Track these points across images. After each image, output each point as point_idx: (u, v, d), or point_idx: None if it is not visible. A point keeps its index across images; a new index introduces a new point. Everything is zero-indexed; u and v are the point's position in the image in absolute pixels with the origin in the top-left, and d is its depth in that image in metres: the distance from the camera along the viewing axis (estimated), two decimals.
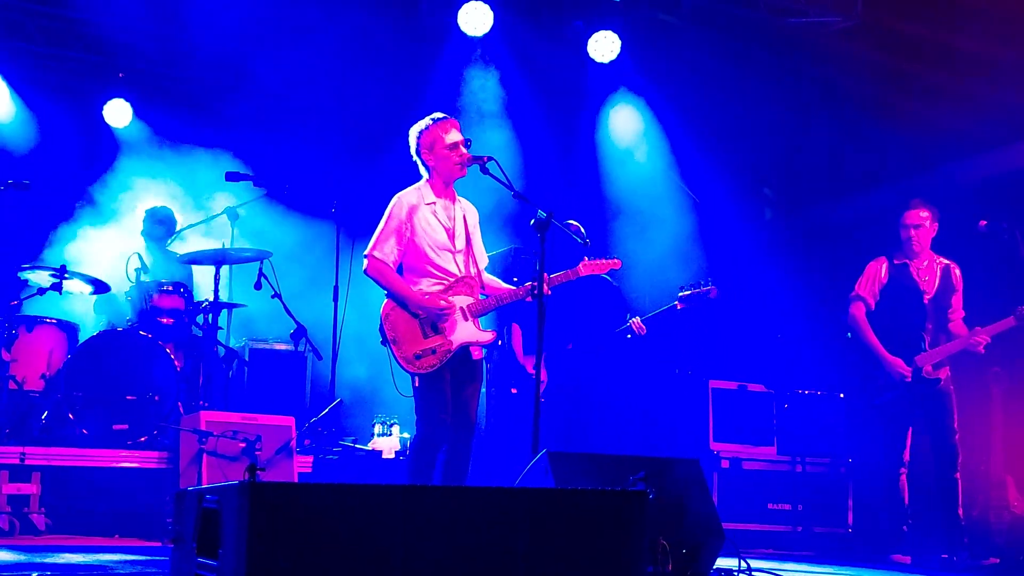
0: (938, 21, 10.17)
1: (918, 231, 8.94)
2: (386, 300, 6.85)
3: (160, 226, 9.95)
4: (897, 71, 10.92)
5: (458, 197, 7.10)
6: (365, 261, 6.90)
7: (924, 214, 8.96)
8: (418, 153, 6.99)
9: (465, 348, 6.86)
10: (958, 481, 8.67)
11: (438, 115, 7.02)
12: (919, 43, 10.57)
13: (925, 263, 9.00)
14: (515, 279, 8.84)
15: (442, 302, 6.77)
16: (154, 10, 10.73)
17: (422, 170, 7.05)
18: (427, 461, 6.78)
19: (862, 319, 9.00)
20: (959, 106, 10.71)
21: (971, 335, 8.65)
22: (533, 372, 9.19)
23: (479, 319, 6.97)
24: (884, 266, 9.07)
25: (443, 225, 6.92)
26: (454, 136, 6.91)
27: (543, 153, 11.04)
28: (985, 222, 8.68)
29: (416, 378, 6.79)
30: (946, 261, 9.04)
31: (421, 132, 6.96)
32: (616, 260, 7.61)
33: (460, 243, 6.99)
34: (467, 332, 6.86)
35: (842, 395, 10.55)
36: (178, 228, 10.04)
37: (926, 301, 8.88)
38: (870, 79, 11.15)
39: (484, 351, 7.28)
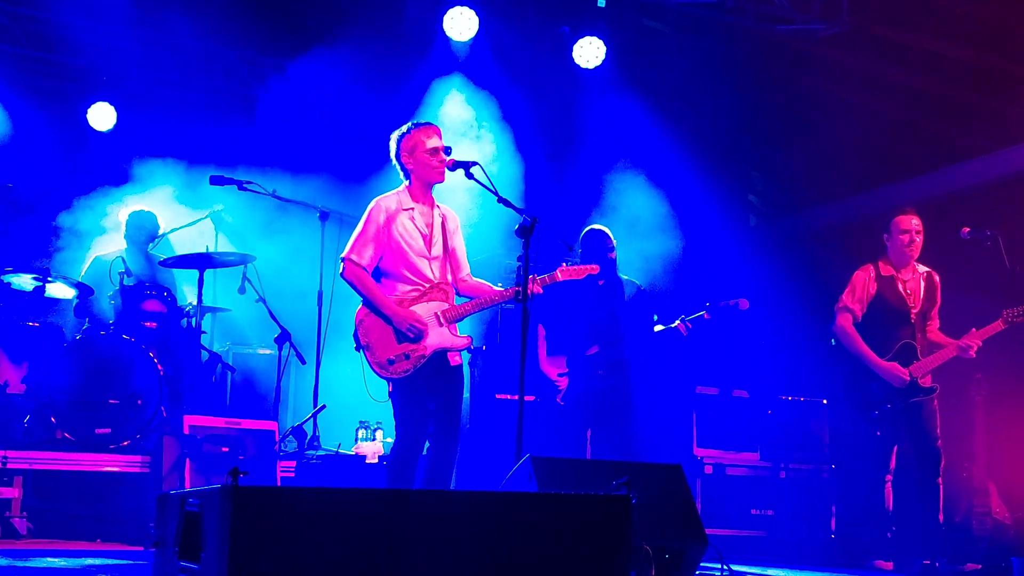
0: (924, 28, 10.20)
1: (920, 236, 8.76)
2: (361, 305, 6.86)
3: (143, 230, 9.91)
4: (883, 78, 10.96)
5: (437, 203, 7.11)
6: (342, 265, 6.90)
7: (917, 221, 8.80)
8: (398, 157, 7.00)
9: (441, 354, 6.86)
10: (940, 486, 8.65)
11: (420, 120, 7.05)
12: (905, 50, 10.60)
13: (911, 274, 8.87)
14: (499, 284, 8.85)
15: (414, 324, 6.76)
16: (138, 13, 10.71)
17: (401, 175, 7.06)
18: (408, 467, 6.77)
19: (851, 329, 8.82)
20: (944, 113, 10.75)
21: (963, 339, 8.57)
22: (556, 378, 9.25)
23: (455, 325, 6.96)
24: (871, 276, 8.89)
25: (420, 231, 6.92)
26: (435, 141, 6.91)
27: (528, 158, 11.03)
28: (968, 229, 8.68)
29: (390, 383, 6.80)
30: (926, 269, 8.93)
31: (402, 136, 6.98)
32: (595, 266, 7.60)
33: (437, 249, 6.98)
34: (441, 338, 6.85)
35: (825, 401, 10.57)
36: (161, 232, 10.01)
37: (913, 316, 8.76)
38: (856, 86, 11.17)
39: (468, 355, 7.26)
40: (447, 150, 6.92)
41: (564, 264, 7.50)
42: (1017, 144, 10.65)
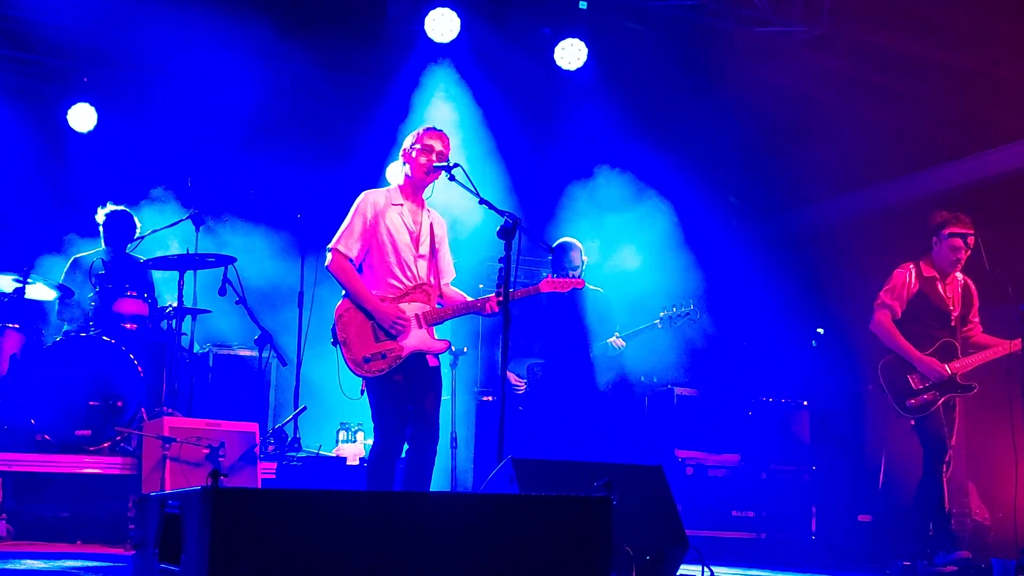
0: (904, 31, 10.24)
1: (966, 253, 8.64)
2: (342, 300, 6.85)
3: (121, 231, 9.85)
4: (863, 80, 10.98)
5: (427, 207, 7.12)
6: (329, 255, 6.90)
7: (971, 238, 8.62)
8: (401, 154, 7.05)
9: (419, 356, 6.84)
10: (944, 483, 8.51)
11: (428, 125, 7.11)
12: (885, 53, 10.63)
13: (951, 280, 8.74)
14: (480, 286, 8.86)
15: (398, 320, 6.75)
16: (120, 15, 10.67)
17: (399, 174, 7.08)
18: (386, 469, 6.76)
19: (890, 325, 8.64)
20: (924, 116, 10.79)
21: (1012, 343, 8.43)
22: (516, 382, 9.27)
23: (434, 328, 6.96)
24: (912, 275, 8.72)
25: (408, 228, 6.93)
26: (430, 142, 6.95)
27: (509, 159, 11.04)
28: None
29: (364, 382, 6.79)
30: (963, 276, 8.81)
31: (409, 137, 7.04)
32: (580, 279, 7.60)
33: (424, 248, 6.99)
34: (419, 339, 6.83)
35: (806, 403, 10.60)
36: (140, 232, 9.98)
37: (953, 318, 8.65)
38: (836, 88, 11.20)
39: (449, 357, 7.25)
40: (443, 156, 6.92)
41: (549, 276, 7.52)
42: (997, 147, 10.70)
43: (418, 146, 6.96)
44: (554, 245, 9.48)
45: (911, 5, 10.01)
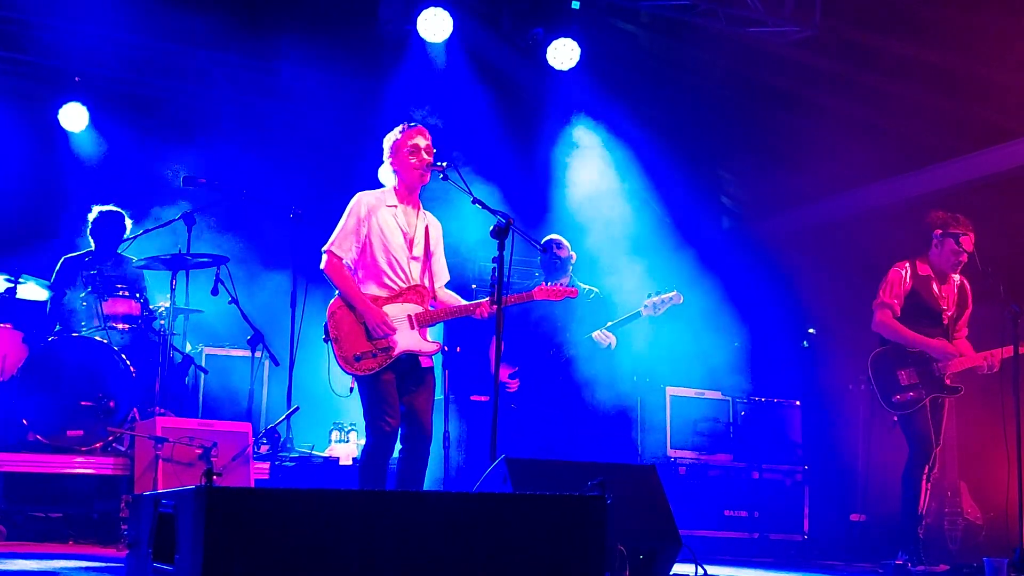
0: (896, 32, 10.25)
1: (966, 255, 8.59)
2: (335, 298, 6.87)
3: (111, 230, 9.81)
4: (855, 81, 11.00)
5: (423, 209, 7.12)
6: (324, 257, 6.92)
7: (971, 239, 8.58)
8: (388, 158, 7.03)
9: (412, 356, 6.85)
10: (922, 485, 8.48)
11: (410, 123, 7.08)
12: (876, 53, 10.65)
13: (947, 281, 8.70)
14: (473, 287, 8.85)
15: (384, 324, 6.76)
16: (110, 15, 10.66)
17: (391, 177, 7.07)
18: (378, 468, 6.76)
19: (892, 321, 8.58)
20: (914, 116, 10.80)
21: (987, 353, 8.42)
22: (507, 380, 9.27)
23: (427, 329, 6.96)
24: (907, 273, 8.68)
25: (402, 229, 6.94)
26: (417, 140, 6.94)
27: (501, 159, 11.03)
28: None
29: (354, 380, 6.80)
30: (959, 277, 8.75)
31: (392, 138, 7.01)
32: (573, 289, 7.64)
33: (418, 250, 7.00)
34: (411, 340, 6.84)
35: (798, 403, 10.61)
36: (133, 233, 9.95)
37: (946, 318, 8.62)
38: (828, 89, 11.21)
39: (440, 357, 7.23)
40: (431, 151, 6.93)
41: (544, 283, 7.53)
42: (987, 147, 10.72)
43: (404, 148, 6.96)
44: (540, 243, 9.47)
45: (902, 6, 10.03)
